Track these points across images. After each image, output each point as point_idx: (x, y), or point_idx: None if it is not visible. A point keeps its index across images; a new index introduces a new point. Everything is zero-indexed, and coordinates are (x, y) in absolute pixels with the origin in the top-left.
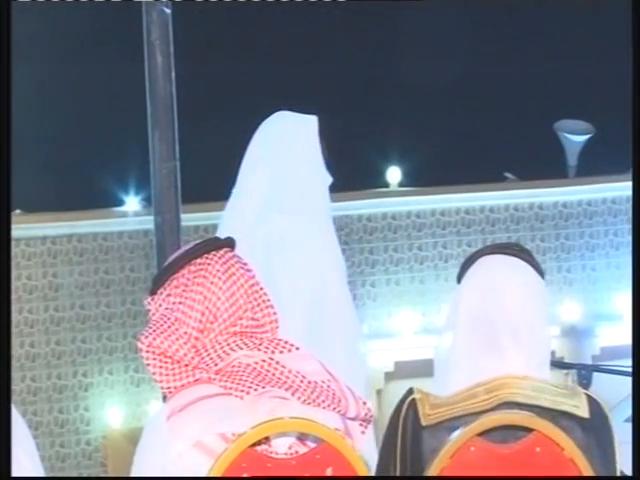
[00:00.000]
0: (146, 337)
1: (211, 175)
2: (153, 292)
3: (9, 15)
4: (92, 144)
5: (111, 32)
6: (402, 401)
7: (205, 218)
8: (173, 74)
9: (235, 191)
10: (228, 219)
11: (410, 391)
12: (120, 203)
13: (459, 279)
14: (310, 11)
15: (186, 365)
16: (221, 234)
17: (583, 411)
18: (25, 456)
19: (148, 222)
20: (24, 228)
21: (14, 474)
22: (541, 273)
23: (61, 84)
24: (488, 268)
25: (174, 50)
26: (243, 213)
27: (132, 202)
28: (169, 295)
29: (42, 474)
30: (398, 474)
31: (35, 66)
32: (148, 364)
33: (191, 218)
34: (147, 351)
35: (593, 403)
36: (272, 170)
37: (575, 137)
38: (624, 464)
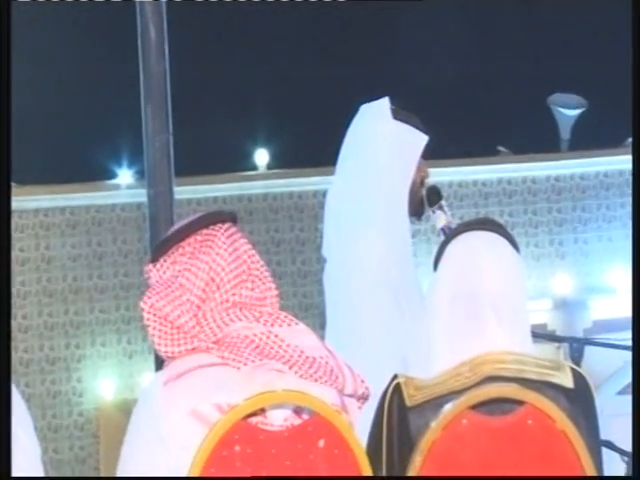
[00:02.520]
0: (149, 298)
1: (204, 148)
2: (155, 260)
3: (9, 15)
4: (85, 117)
5: (104, 6)
6: (387, 387)
7: (198, 191)
8: (166, 48)
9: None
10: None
11: (394, 376)
12: (113, 176)
13: (436, 261)
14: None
15: (185, 332)
16: None
17: (567, 382)
18: (23, 433)
19: (141, 195)
20: (17, 200)
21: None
22: (516, 247)
23: (55, 58)
24: (466, 245)
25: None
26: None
27: (125, 175)
28: (174, 263)
29: (38, 452)
30: (384, 458)
31: (25, 38)
32: (148, 325)
33: (184, 191)
34: (149, 312)
35: (577, 375)
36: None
37: (568, 111)
38: (616, 437)
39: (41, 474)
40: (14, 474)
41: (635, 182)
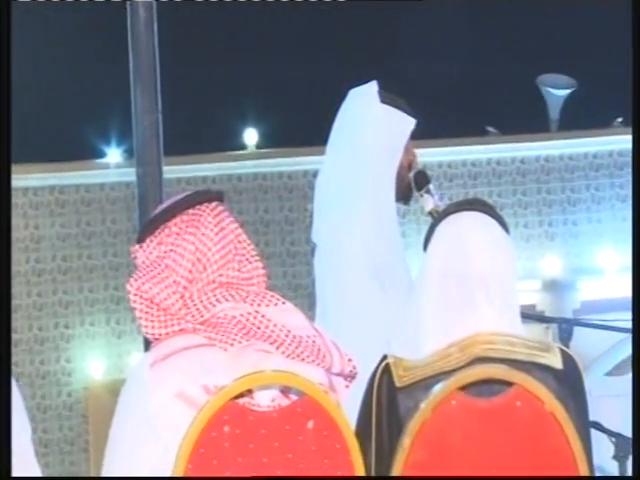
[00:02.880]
0: (135, 280)
1: (193, 127)
2: (141, 241)
3: (9, 15)
4: (74, 96)
5: None
6: (376, 367)
7: (187, 170)
8: (155, 26)
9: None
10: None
11: (384, 357)
12: (102, 155)
13: (426, 242)
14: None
15: (172, 314)
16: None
17: (557, 363)
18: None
19: (130, 174)
20: None
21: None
22: (505, 227)
23: (44, 37)
24: (455, 226)
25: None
26: None
27: (114, 154)
28: (160, 243)
29: (29, 433)
30: (374, 440)
31: (14, 15)
32: (134, 308)
33: (173, 170)
34: (135, 294)
35: (565, 355)
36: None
37: (557, 91)
38: (604, 418)
39: (32, 455)
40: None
41: (635, 179)
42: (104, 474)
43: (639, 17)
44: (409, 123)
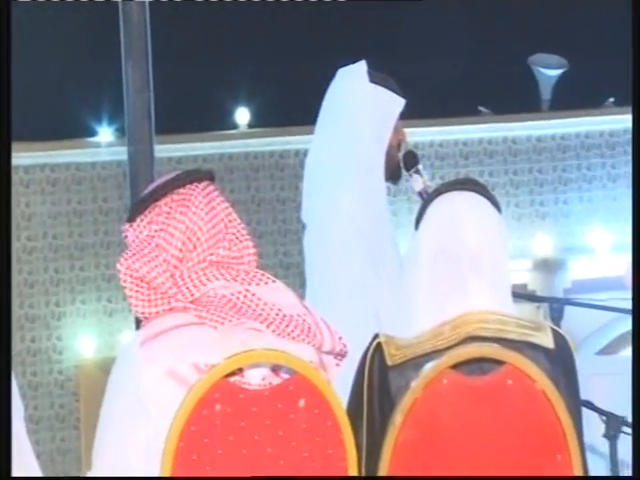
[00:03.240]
0: (125, 259)
1: (185, 106)
2: (131, 220)
3: (9, 15)
4: (65, 74)
5: None
6: (368, 346)
7: (178, 149)
8: (147, 4)
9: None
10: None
11: (376, 335)
12: (93, 133)
13: (417, 221)
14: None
15: (162, 293)
16: None
17: (548, 342)
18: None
19: (121, 153)
20: None
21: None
22: (498, 206)
23: (35, 14)
24: (447, 205)
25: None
26: None
27: (105, 132)
28: (150, 222)
29: (22, 412)
30: (365, 418)
31: None
32: (125, 287)
33: (164, 149)
34: (125, 273)
35: (557, 335)
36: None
37: (549, 71)
38: (595, 397)
39: (24, 435)
40: None
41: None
42: (95, 454)
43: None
44: (398, 103)
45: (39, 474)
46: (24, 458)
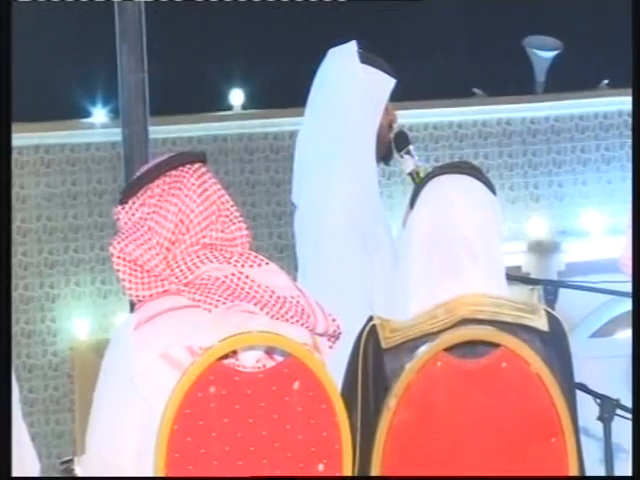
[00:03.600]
0: (118, 243)
1: (179, 87)
2: (124, 202)
3: (9, 15)
4: (59, 55)
5: None
6: (362, 328)
7: (173, 131)
8: None
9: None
10: None
11: (370, 318)
12: (87, 115)
13: (411, 203)
14: None
15: (155, 276)
16: None
17: (542, 325)
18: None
19: (116, 134)
20: None
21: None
22: (492, 189)
23: None
24: (440, 188)
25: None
26: None
27: (99, 114)
28: (142, 205)
29: (17, 395)
30: (359, 401)
31: None
32: (118, 270)
33: (158, 131)
34: (118, 257)
35: (551, 317)
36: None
37: (543, 53)
38: (589, 379)
39: (20, 419)
40: None
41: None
42: (89, 437)
43: None
44: (389, 83)
45: (34, 457)
46: (21, 440)
